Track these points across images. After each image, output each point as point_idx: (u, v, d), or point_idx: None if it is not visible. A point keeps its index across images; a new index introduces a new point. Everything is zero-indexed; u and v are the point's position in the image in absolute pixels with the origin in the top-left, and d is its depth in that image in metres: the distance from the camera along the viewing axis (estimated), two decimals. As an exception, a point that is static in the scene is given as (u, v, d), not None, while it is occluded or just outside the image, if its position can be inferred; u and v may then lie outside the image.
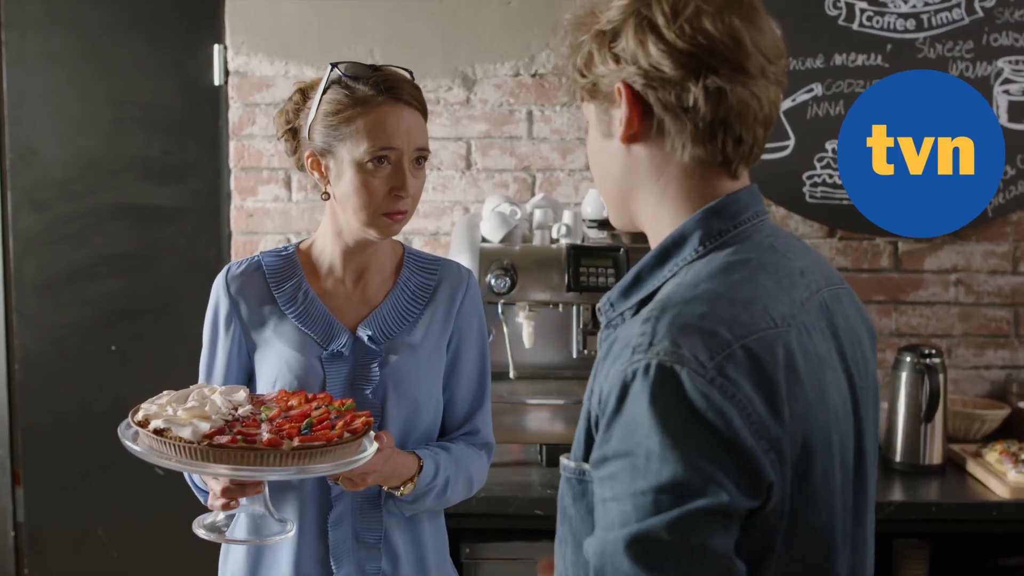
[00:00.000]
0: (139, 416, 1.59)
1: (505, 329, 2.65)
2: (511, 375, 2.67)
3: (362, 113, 1.73)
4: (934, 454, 2.72)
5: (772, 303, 1.11)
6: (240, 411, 1.61)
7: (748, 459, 1.02)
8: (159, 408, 1.60)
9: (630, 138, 1.17)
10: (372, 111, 1.74)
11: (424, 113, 1.81)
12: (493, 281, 2.52)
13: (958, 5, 3.07)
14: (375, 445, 1.64)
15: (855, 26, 3.09)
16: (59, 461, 3.32)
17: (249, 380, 1.86)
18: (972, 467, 2.69)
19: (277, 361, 1.81)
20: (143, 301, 3.28)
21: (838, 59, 3.09)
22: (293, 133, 1.84)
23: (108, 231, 3.26)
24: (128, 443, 1.57)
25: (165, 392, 1.67)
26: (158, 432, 1.53)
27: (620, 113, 1.17)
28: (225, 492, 1.63)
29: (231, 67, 3.17)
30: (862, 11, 3.08)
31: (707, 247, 1.16)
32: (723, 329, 1.06)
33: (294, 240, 1.91)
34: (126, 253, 3.27)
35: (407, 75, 1.81)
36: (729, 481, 1.01)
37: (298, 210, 3.19)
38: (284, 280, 1.86)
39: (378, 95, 1.74)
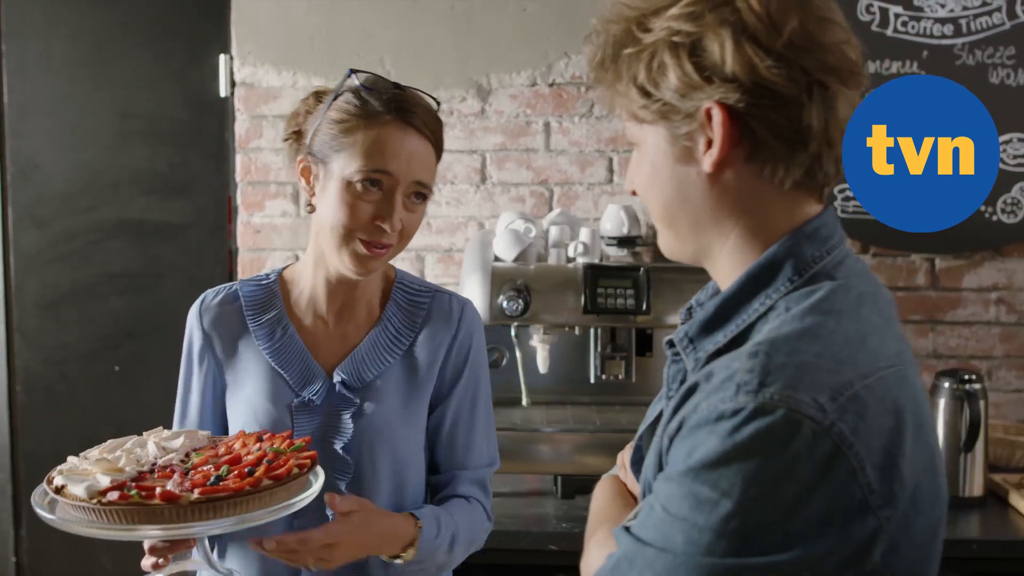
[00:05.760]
0: (55, 474, 1.42)
1: (518, 353, 2.52)
2: (524, 402, 2.55)
3: (364, 127, 1.56)
4: (974, 486, 2.57)
5: (883, 339, 1.00)
6: (161, 460, 1.44)
7: (847, 514, 0.91)
8: (79, 461, 1.44)
9: (720, 165, 1.01)
10: (375, 128, 1.56)
11: (437, 148, 1.63)
12: (506, 303, 2.39)
13: (998, 9, 2.92)
14: (305, 502, 1.42)
15: (889, 32, 2.94)
16: (61, 486, 3.21)
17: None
18: (1015, 500, 2.54)
19: (244, 410, 1.65)
20: (147, 320, 3.18)
21: (871, 67, 2.94)
22: (299, 136, 1.68)
23: (111, 248, 3.17)
24: (38, 510, 1.39)
25: (110, 441, 1.51)
26: (58, 490, 1.37)
27: (709, 138, 1.00)
28: (152, 551, 1.47)
29: (237, 78, 3.07)
30: (896, 16, 2.93)
31: (802, 276, 1.02)
32: (845, 368, 0.94)
33: (303, 257, 1.76)
34: (130, 271, 3.18)
35: (432, 103, 1.64)
36: (819, 533, 0.90)
37: (308, 226, 3.07)
38: (262, 312, 1.69)
39: (387, 113, 1.57)
